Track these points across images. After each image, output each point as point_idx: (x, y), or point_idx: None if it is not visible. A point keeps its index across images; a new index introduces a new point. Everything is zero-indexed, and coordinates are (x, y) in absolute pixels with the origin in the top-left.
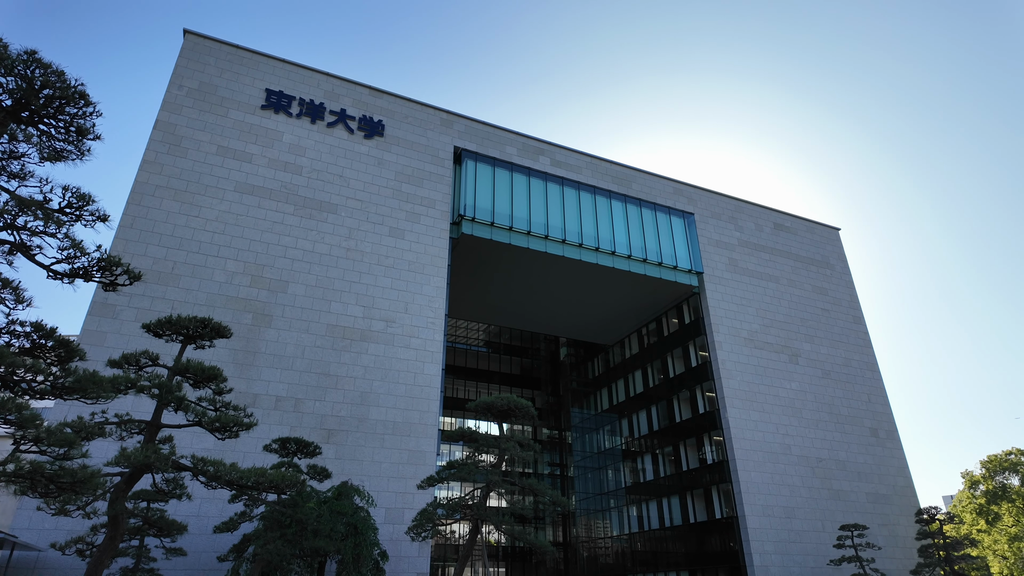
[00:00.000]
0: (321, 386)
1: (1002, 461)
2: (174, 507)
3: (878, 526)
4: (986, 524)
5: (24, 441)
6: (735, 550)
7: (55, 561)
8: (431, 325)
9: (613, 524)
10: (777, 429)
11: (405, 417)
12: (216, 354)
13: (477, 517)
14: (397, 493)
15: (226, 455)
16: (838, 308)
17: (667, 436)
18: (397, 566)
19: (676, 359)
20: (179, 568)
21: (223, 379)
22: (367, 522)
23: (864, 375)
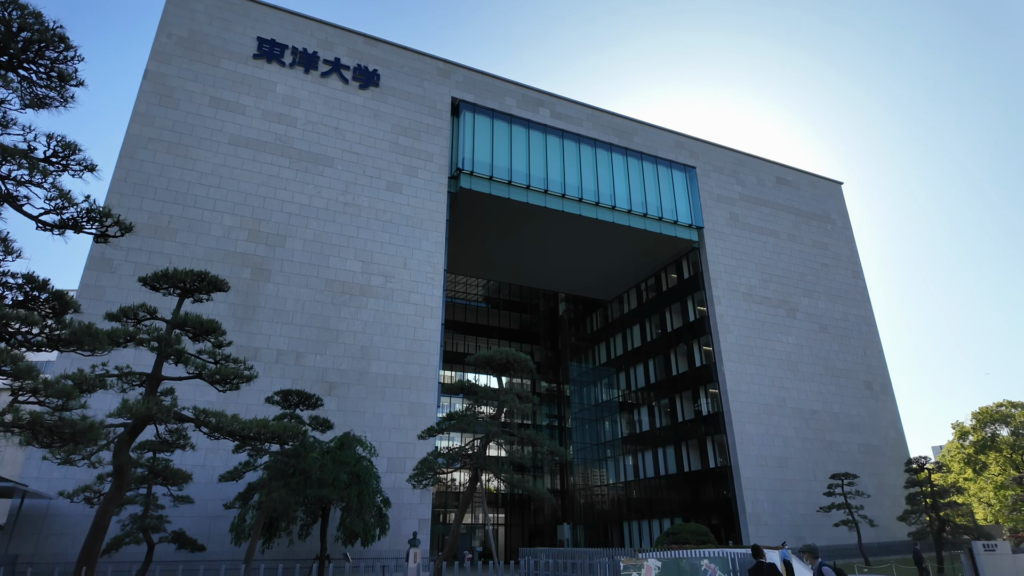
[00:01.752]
0: (322, 340)
1: (992, 413)
2: (179, 457)
3: (868, 475)
4: (973, 473)
5: (22, 392)
6: (728, 498)
7: (64, 509)
8: (430, 280)
9: (609, 473)
10: (773, 382)
11: (405, 371)
12: (216, 308)
13: (477, 466)
14: (398, 443)
15: (228, 407)
16: (838, 263)
17: (663, 389)
18: (399, 512)
19: (674, 314)
20: (187, 515)
21: (222, 332)
22: (369, 471)
23: (861, 329)
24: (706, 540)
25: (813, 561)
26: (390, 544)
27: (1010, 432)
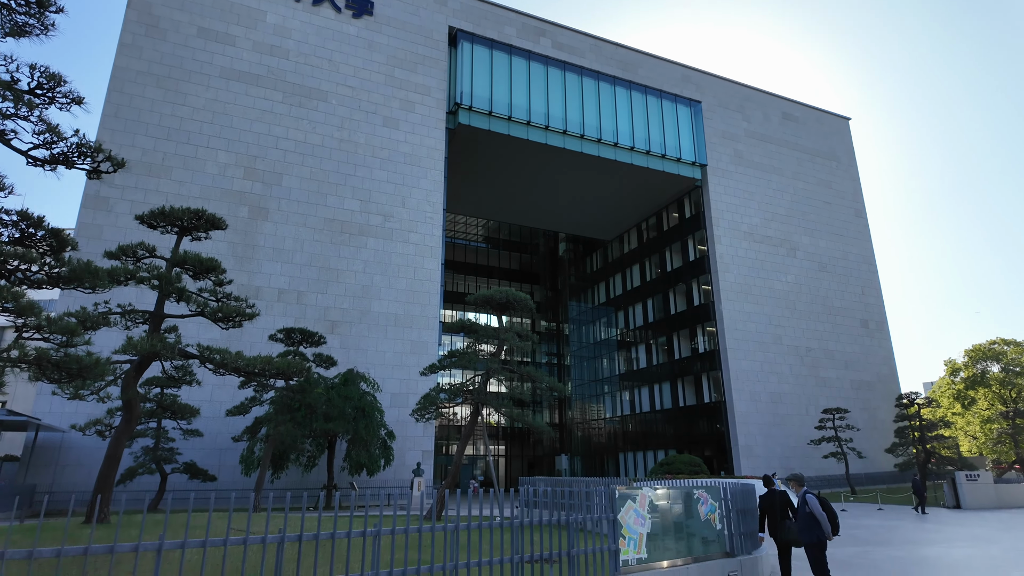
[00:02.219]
0: (322, 279)
1: (985, 350)
2: (187, 392)
3: (859, 410)
4: (962, 408)
5: (26, 329)
6: (721, 431)
7: (78, 441)
8: (429, 220)
9: (606, 407)
10: (770, 320)
11: (406, 310)
12: (215, 247)
13: (477, 401)
14: (401, 380)
15: (232, 345)
16: (841, 201)
17: (661, 327)
18: (403, 444)
19: (674, 253)
20: (197, 447)
21: (222, 271)
22: (373, 405)
23: (860, 268)
24: (699, 471)
25: (798, 489)
26: (395, 474)
27: (1000, 368)
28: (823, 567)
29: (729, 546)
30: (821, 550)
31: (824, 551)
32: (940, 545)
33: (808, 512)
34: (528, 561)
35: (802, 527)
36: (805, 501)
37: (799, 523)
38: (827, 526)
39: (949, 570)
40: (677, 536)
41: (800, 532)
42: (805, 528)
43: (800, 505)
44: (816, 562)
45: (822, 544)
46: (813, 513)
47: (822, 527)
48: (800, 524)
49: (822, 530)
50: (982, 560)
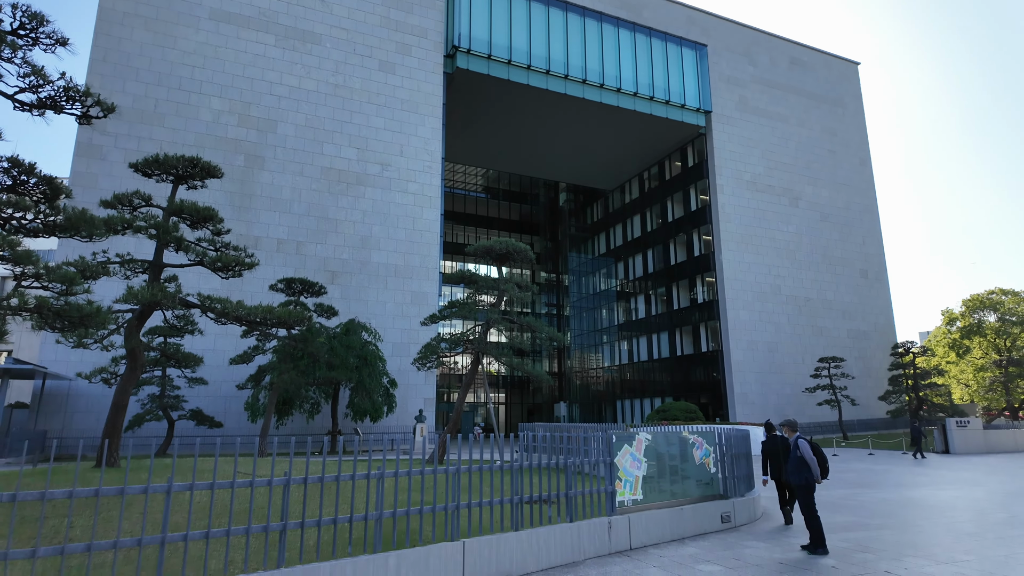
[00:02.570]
0: (321, 230)
1: (983, 300)
2: (190, 342)
3: (855, 359)
4: (956, 357)
5: (25, 278)
6: (717, 380)
7: (85, 389)
8: (428, 169)
9: (604, 357)
10: (770, 271)
11: (406, 261)
12: (212, 196)
13: (478, 350)
14: (402, 330)
15: (233, 295)
16: (846, 150)
17: (661, 278)
18: (405, 392)
19: (676, 203)
20: (202, 395)
21: (219, 220)
22: (375, 355)
23: (862, 218)
24: (694, 417)
25: (791, 434)
26: (398, 421)
27: (997, 318)
28: (811, 507)
29: (723, 488)
30: (810, 492)
31: (812, 493)
32: (927, 488)
33: (799, 456)
34: (527, 502)
35: (793, 470)
36: (797, 446)
37: (790, 466)
38: (816, 470)
39: (934, 511)
40: (672, 479)
41: (791, 475)
42: (795, 471)
43: (792, 449)
44: (805, 503)
45: (811, 486)
46: (804, 457)
47: (812, 470)
48: (791, 467)
49: (811, 473)
50: (966, 502)
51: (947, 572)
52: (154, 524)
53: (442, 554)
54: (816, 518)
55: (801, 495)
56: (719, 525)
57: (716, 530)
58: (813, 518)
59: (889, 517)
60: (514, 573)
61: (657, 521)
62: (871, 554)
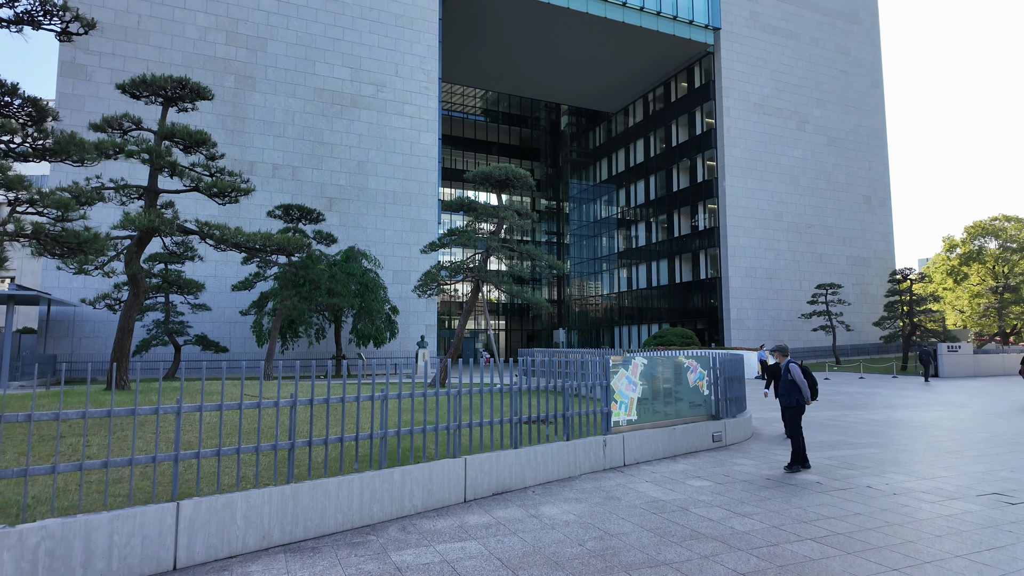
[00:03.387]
0: (317, 154)
1: (985, 226)
2: (190, 268)
3: (852, 285)
4: (953, 283)
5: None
6: (715, 306)
7: (90, 315)
8: (424, 91)
9: (603, 284)
10: (772, 197)
11: (404, 187)
12: (203, 119)
13: (478, 278)
14: (402, 258)
15: (231, 221)
16: (858, 70)
17: (662, 205)
18: (407, 319)
19: (680, 127)
20: (206, 321)
21: (213, 144)
22: (376, 281)
23: (870, 142)
24: (690, 342)
25: (782, 359)
26: (400, 346)
27: (998, 245)
28: (797, 427)
29: (715, 410)
30: (798, 413)
31: (801, 414)
32: (913, 409)
33: (790, 379)
34: (526, 422)
35: (784, 392)
36: (788, 369)
37: (781, 389)
38: (807, 392)
39: (918, 431)
40: (666, 401)
41: (782, 397)
42: (786, 393)
43: (783, 373)
44: (792, 423)
45: (800, 408)
46: (795, 380)
47: (802, 392)
48: (782, 390)
49: (801, 395)
50: (950, 422)
51: (925, 486)
52: (166, 442)
53: (445, 469)
54: (800, 438)
55: (790, 415)
56: (710, 444)
57: (707, 448)
58: (798, 438)
59: (874, 436)
60: (513, 487)
61: (650, 440)
62: (854, 470)
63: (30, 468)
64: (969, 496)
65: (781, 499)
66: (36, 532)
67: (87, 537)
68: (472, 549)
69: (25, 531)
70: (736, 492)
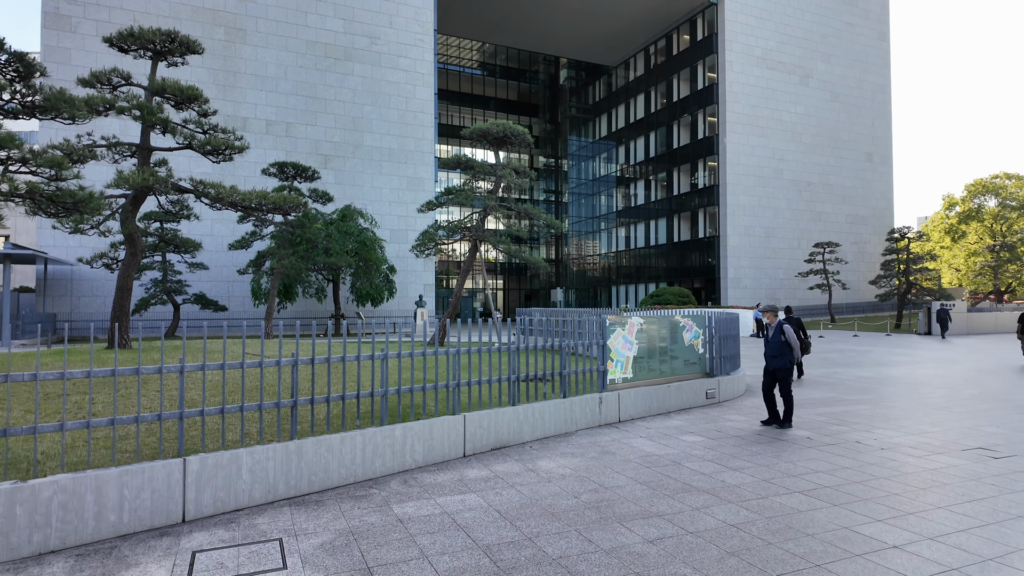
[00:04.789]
0: (310, 110)
1: (986, 185)
2: (186, 227)
3: (850, 244)
4: (951, 242)
5: (11, 162)
6: (712, 264)
7: (88, 273)
8: (419, 43)
9: (602, 243)
10: (773, 154)
11: (400, 144)
12: (194, 74)
13: (476, 237)
14: (399, 216)
15: (225, 179)
16: (865, 22)
17: (662, 162)
18: (405, 278)
19: (682, 81)
20: (204, 279)
21: (205, 100)
22: (374, 240)
23: (874, 98)
24: (687, 302)
25: (773, 320)
26: (398, 305)
27: (997, 203)
28: (788, 386)
29: (709, 368)
30: (789, 373)
31: (791, 375)
32: (905, 366)
33: (783, 340)
34: (524, 380)
35: (775, 353)
36: (781, 330)
37: (772, 349)
38: (798, 353)
39: (909, 387)
40: (662, 359)
41: (772, 358)
42: (778, 355)
43: (775, 333)
44: (784, 383)
45: (790, 369)
46: (788, 341)
47: (794, 353)
48: (773, 351)
49: (793, 356)
50: (941, 379)
51: (912, 441)
52: (171, 400)
53: (445, 425)
54: (790, 398)
55: (781, 375)
56: (704, 401)
57: (701, 405)
58: (789, 397)
59: (865, 393)
60: (511, 442)
61: (645, 397)
62: (844, 426)
63: (39, 426)
64: (954, 451)
65: (772, 454)
66: (48, 487)
67: (98, 491)
68: (471, 501)
69: (38, 486)
70: (728, 447)
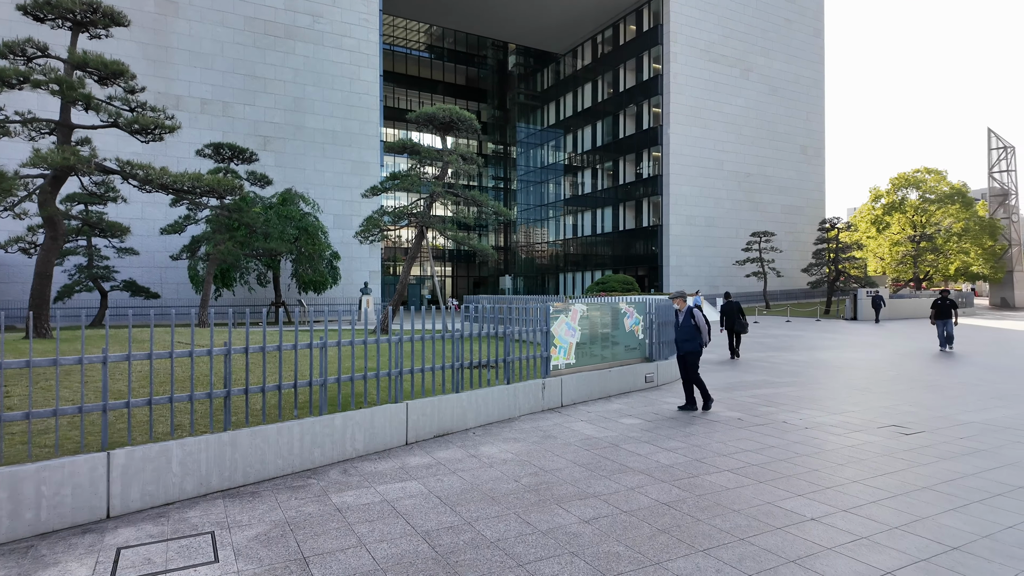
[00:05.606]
0: (249, 89)
1: (908, 178)
2: (114, 210)
3: (785, 233)
4: (876, 232)
5: None
6: (656, 252)
7: (5, 259)
8: (364, 23)
9: (550, 231)
10: (715, 145)
11: (345, 127)
12: (122, 48)
13: (422, 224)
14: (343, 201)
15: (157, 160)
16: (802, 19)
17: (609, 151)
18: (350, 265)
19: (628, 71)
20: (135, 265)
21: (132, 76)
22: (316, 226)
23: (810, 92)
24: (631, 289)
25: (683, 305)
26: (343, 292)
27: (918, 196)
28: (695, 370)
29: (649, 352)
30: (698, 356)
31: (699, 358)
32: (833, 350)
33: (693, 324)
34: (469, 367)
35: (685, 337)
36: (691, 315)
37: (683, 334)
38: (707, 336)
39: (835, 370)
40: (603, 345)
41: (683, 342)
42: (689, 338)
43: (685, 318)
44: (693, 366)
45: (699, 352)
46: (697, 325)
47: (702, 336)
48: (684, 335)
49: (702, 339)
50: (865, 362)
51: (835, 420)
52: (94, 392)
53: (387, 414)
54: (700, 381)
55: (691, 359)
56: (643, 384)
57: (640, 389)
58: (699, 381)
59: (795, 376)
60: (455, 428)
61: (587, 381)
62: (773, 407)
63: None
64: (871, 428)
65: (704, 434)
66: None
67: (12, 488)
68: (412, 488)
69: None
70: (664, 429)
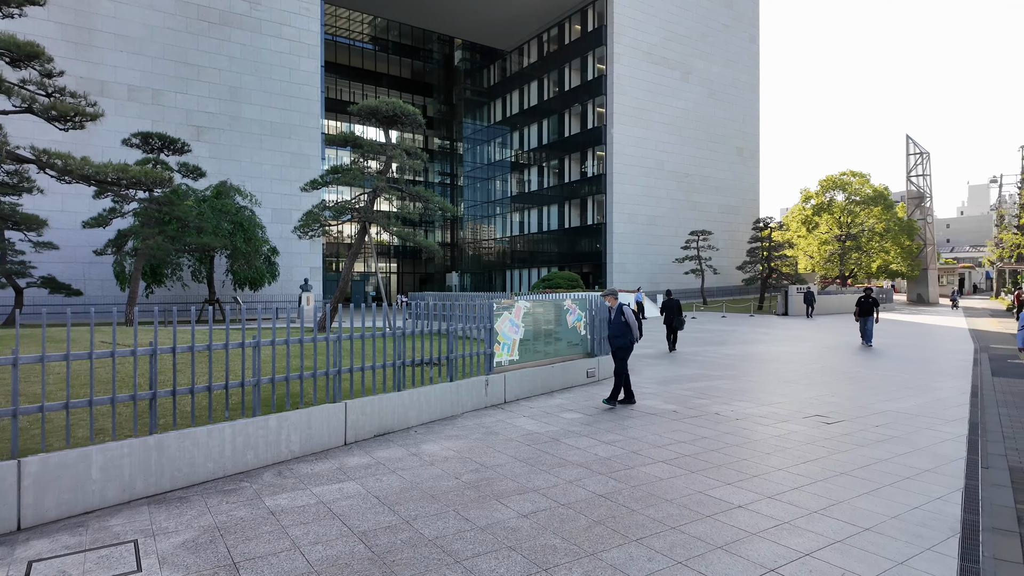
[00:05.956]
0: (181, 76)
1: (836, 180)
2: (30, 201)
3: (721, 232)
4: (807, 232)
5: None
6: (600, 250)
7: None
8: (305, 11)
9: (496, 228)
10: (656, 146)
11: (284, 117)
12: (39, 28)
13: (365, 219)
14: (283, 195)
15: (79, 150)
16: (739, 24)
17: (555, 150)
18: (290, 261)
19: (573, 71)
20: (55, 260)
21: (48, 58)
22: (252, 220)
23: (746, 96)
24: (576, 285)
25: (614, 303)
26: (282, 289)
27: (845, 198)
28: (625, 365)
29: (590, 348)
30: (628, 351)
31: (630, 354)
32: (765, 344)
33: (623, 321)
34: (411, 365)
35: (617, 333)
36: (621, 312)
37: (614, 330)
38: (637, 333)
39: (766, 363)
40: (546, 341)
41: (615, 338)
42: (620, 334)
43: (616, 315)
44: (623, 360)
45: (630, 348)
46: (628, 322)
47: (633, 333)
48: (615, 331)
49: (633, 336)
50: (793, 355)
51: (763, 411)
52: (4, 396)
53: (324, 414)
54: (627, 376)
55: (623, 354)
56: (585, 379)
57: (582, 383)
58: (625, 375)
59: (729, 369)
60: (396, 427)
61: (530, 377)
62: (707, 399)
63: None
64: (796, 418)
65: (641, 427)
66: None
67: None
68: (350, 489)
69: None
70: (603, 422)
